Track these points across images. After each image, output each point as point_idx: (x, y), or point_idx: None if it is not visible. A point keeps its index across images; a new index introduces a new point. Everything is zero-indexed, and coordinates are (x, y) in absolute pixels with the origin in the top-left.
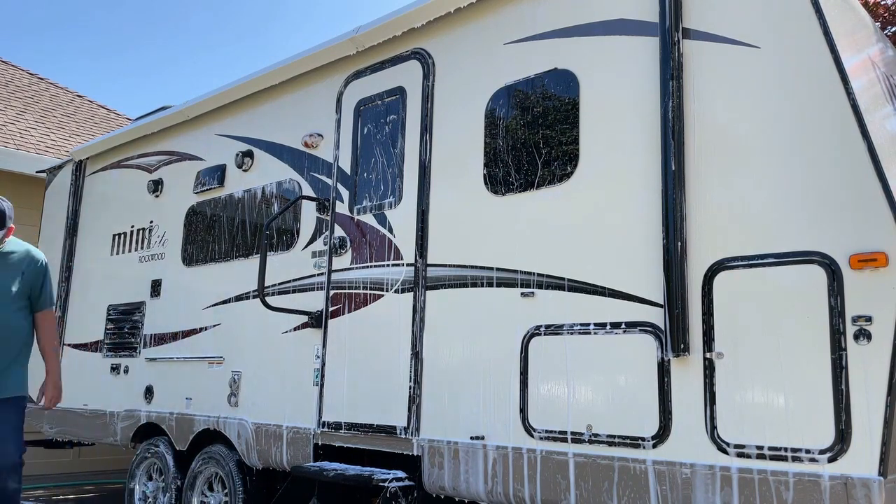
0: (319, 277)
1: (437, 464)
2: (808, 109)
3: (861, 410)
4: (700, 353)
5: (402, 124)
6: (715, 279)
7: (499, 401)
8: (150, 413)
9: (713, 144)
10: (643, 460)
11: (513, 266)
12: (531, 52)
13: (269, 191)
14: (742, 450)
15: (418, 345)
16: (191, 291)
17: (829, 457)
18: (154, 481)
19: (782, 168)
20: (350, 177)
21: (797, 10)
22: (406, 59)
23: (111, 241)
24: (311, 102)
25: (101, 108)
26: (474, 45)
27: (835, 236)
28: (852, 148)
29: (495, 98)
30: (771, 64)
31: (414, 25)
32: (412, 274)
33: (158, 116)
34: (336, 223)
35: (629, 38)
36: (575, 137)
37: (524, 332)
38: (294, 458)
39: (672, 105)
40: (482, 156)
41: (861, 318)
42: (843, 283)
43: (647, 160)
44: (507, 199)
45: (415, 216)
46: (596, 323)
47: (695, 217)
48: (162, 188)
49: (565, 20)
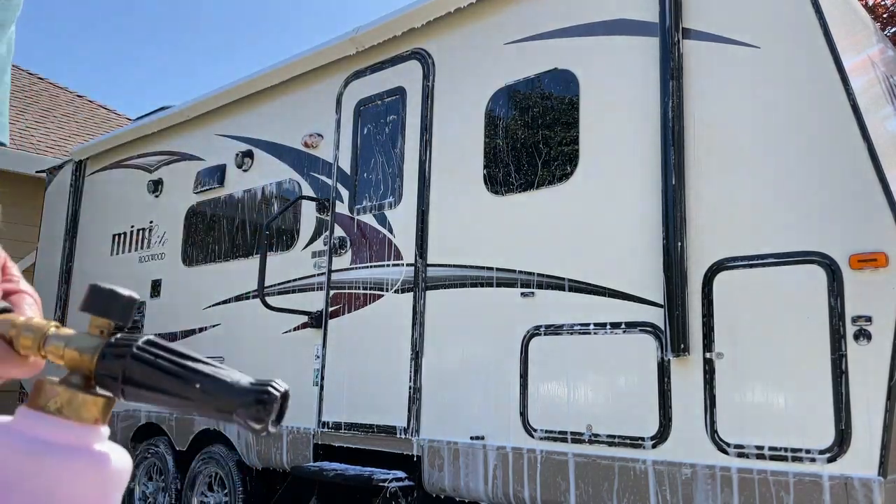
0: (319, 277)
1: (436, 464)
2: (808, 110)
3: (861, 410)
4: (700, 354)
5: (402, 124)
6: (715, 279)
7: (499, 401)
8: (150, 413)
9: (713, 144)
10: (643, 461)
11: (513, 266)
12: (531, 51)
13: (269, 191)
14: (742, 450)
15: (418, 345)
16: (191, 291)
17: (829, 457)
18: (154, 481)
19: (782, 168)
20: (350, 177)
21: (797, 11)
22: (406, 59)
23: (111, 241)
24: (311, 102)
25: (102, 108)
26: (474, 45)
27: (835, 236)
28: (852, 148)
29: (495, 98)
30: (771, 64)
31: (414, 25)
32: (412, 274)
33: (158, 116)
34: (336, 223)
35: (629, 38)
36: (575, 137)
37: (524, 332)
38: (294, 459)
39: (672, 105)
40: (482, 156)
41: (861, 319)
42: (843, 284)
43: (647, 160)
44: (507, 199)
45: (415, 216)
46: (596, 323)
47: (695, 217)
48: (162, 188)
49: (565, 20)
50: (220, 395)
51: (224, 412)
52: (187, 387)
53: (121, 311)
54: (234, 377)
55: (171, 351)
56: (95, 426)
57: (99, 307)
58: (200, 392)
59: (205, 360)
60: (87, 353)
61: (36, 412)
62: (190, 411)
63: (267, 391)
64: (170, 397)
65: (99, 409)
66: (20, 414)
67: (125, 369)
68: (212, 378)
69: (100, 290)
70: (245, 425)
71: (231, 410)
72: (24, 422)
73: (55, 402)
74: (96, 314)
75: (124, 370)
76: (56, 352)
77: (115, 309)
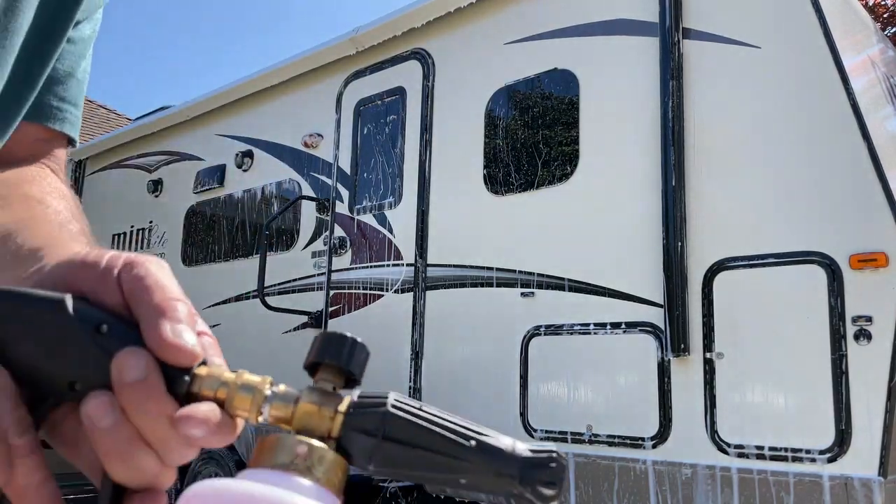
0: (319, 277)
1: None
2: (808, 110)
3: (861, 410)
4: (700, 354)
5: (402, 124)
6: (715, 279)
7: (499, 401)
8: None
9: (713, 144)
10: (643, 461)
11: (513, 266)
12: (531, 52)
13: (269, 191)
14: (742, 450)
15: (418, 345)
16: (190, 291)
17: (830, 457)
18: None
19: (782, 168)
20: (350, 177)
21: (797, 11)
22: (406, 59)
23: (111, 242)
24: (311, 102)
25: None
26: (474, 45)
27: (835, 236)
28: (852, 148)
29: (495, 98)
30: (771, 64)
31: (414, 25)
32: (412, 274)
33: (158, 116)
34: (336, 223)
35: (629, 38)
36: (575, 137)
37: (524, 332)
38: None
39: (672, 105)
40: (482, 156)
41: (861, 319)
42: (843, 284)
43: (647, 160)
44: (507, 199)
45: (415, 216)
46: (596, 323)
47: (695, 217)
48: (162, 188)
49: (565, 20)
50: (500, 457)
51: (504, 477)
52: (457, 447)
53: (362, 362)
54: (505, 442)
55: (423, 406)
56: (339, 497)
57: (339, 357)
58: (478, 452)
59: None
60: (326, 410)
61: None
62: (454, 479)
63: (553, 458)
64: (438, 457)
65: (343, 474)
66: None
67: (386, 425)
68: (485, 437)
69: (341, 339)
70: (532, 495)
71: (514, 476)
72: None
73: (303, 460)
74: (334, 364)
75: (385, 426)
76: (282, 413)
77: (356, 360)
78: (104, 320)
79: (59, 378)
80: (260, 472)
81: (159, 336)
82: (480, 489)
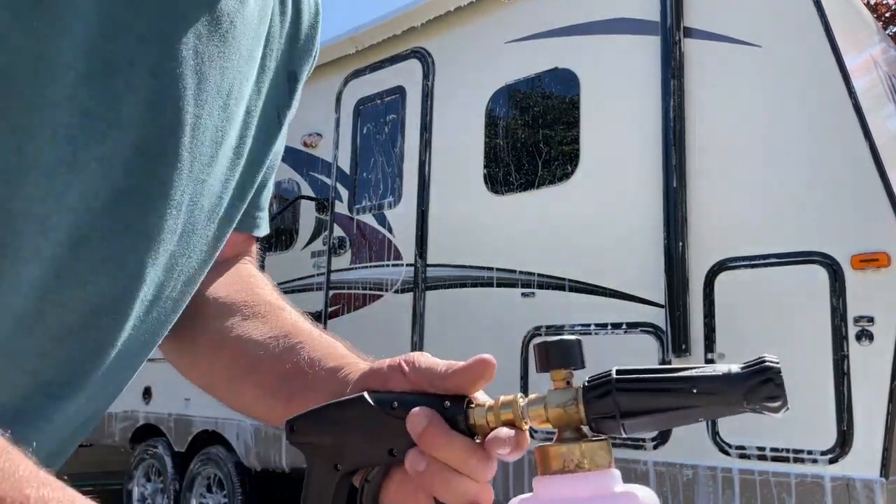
0: (318, 278)
1: None
2: (809, 109)
3: (863, 411)
4: (701, 354)
5: (402, 124)
6: (716, 279)
7: None
8: (149, 414)
9: (714, 144)
10: (644, 462)
11: (513, 266)
12: (532, 51)
13: None
14: (744, 451)
15: (418, 345)
16: None
17: (831, 458)
18: (153, 482)
19: (784, 168)
20: (349, 176)
21: (798, 10)
22: (406, 58)
23: None
24: (310, 102)
25: None
26: (474, 44)
27: (836, 236)
28: (854, 148)
29: (496, 97)
30: (772, 63)
31: (414, 24)
32: (412, 274)
33: None
34: (335, 223)
35: (630, 37)
36: (575, 137)
37: (524, 332)
38: (294, 460)
39: (673, 104)
40: (482, 155)
41: (863, 319)
42: (845, 284)
43: (648, 160)
44: (507, 198)
45: (414, 216)
46: (597, 323)
47: (696, 216)
48: None
49: (566, 19)
50: (722, 390)
51: (733, 405)
52: (683, 396)
53: (579, 356)
54: (720, 369)
55: (640, 370)
56: (612, 469)
57: (561, 361)
58: (701, 396)
59: (674, 367)
60: (570, 405)
61: (560, 476)
62: (692, 419)
63: (767, 366)
64: (671, 413)
65: (607, 451)
66: (545, 484)
67: (618, 404)
68: (703, 378)
69: (556, 345)
70: (760, 409)
71: (740, 401)
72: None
73: (572, 460)
74: (559, 368)
75: (618, 405)
76: (539, 416)
77: (573, 357)
78: (394, 399)
79: (381, 448)
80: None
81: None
82: (717, 415)
